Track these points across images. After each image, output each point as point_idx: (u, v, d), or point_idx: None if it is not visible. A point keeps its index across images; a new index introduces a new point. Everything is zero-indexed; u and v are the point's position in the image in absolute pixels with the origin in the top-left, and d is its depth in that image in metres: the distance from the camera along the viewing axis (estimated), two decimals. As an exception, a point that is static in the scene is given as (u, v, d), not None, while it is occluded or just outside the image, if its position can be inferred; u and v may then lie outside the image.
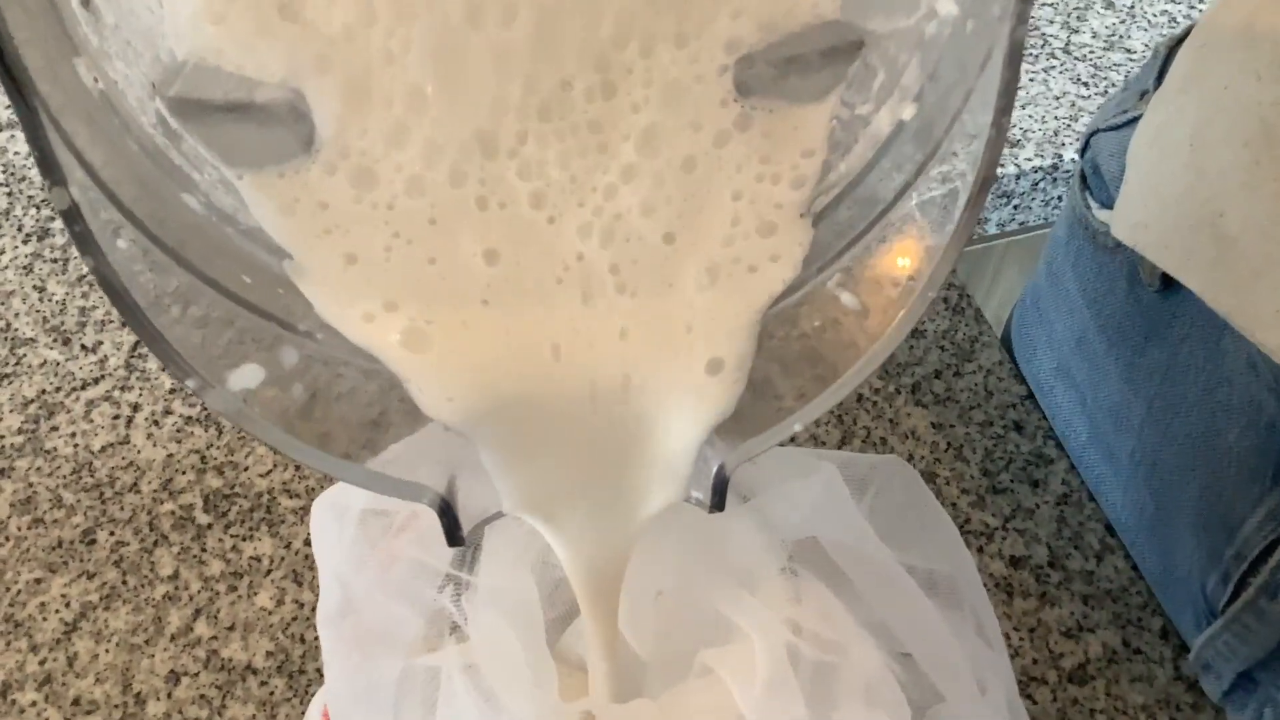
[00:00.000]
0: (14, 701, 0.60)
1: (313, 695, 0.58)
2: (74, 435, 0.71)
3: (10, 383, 0.73)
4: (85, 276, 0.79)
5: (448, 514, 0.32)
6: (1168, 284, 0.60)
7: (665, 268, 0.31)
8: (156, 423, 0.71)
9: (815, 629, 0.38)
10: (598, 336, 0.31)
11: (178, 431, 0.71)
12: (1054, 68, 1.05)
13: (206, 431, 0.71)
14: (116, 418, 0.71)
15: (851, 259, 0.32)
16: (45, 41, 0.25)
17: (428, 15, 0.27)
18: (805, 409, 0.32)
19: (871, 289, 0.32)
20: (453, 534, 0.33)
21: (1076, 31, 1.08)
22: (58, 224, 0.81)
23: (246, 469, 0.69)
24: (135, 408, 0.72)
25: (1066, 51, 1.06)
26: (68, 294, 0.78)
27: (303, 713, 0.60)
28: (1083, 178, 0.68)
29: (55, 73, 0.25)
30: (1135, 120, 0.61)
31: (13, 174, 0.85)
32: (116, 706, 0.60)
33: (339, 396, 0.32)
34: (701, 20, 0.29)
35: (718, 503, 0.33)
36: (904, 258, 0.31)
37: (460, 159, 0.29)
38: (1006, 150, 0.97)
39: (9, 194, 0.84)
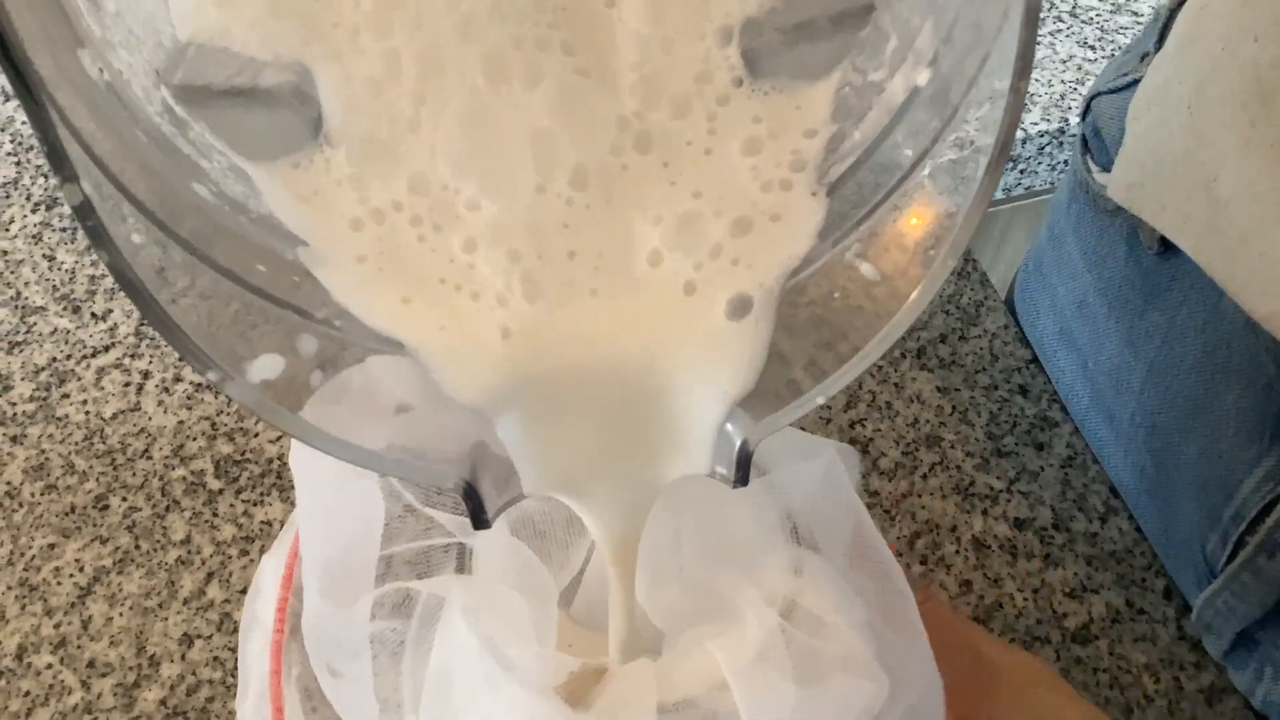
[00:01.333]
0: (30, 664, 0.61)
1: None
2: (85, 402, 0.71)
3: (21, 351, 0.74)
4: (95, 245, 0.79)
5: (472, 497, 0.32)
6: (1167, 246, 0.61)
7: (681, 251, 0.31)
8: (167, 390, 0.72)
9: (811, 604, 0.38)
10: (622, 317, 0.31)
11: (188, 398, 0.71)
12: (1060, 31, 1.04)
13: (217, 398, 0.72)
14: (127, 385, 0.72)
15: (869, 229, 0.32)
16: (49, 35, 0.25)
17: (453, 76, 0.28)
18: (828, 381, 0.32)
19: (890, 259, 0.32)
20: (478, 517, 0.33)
21: (1083, -6, 1.08)
22: (67, 193, 0.81)
23: (257, 435, 0.70)
24: (146, 375, 0.73)
25: (1073, 14, 1.06)
26: (77, 262, 0.78)
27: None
28: (1084, 141, 0.68)
29: (61, 66, 0.25)
30: (1136, 83, 0.61)
31: (20, 144, 0.86)
32: (131, 668, 0.61)
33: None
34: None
35: (742, 477, 0.33)
36: (922, 226, 0.31)
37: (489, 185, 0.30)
38: (1012, 114, 0.97)
39: (17, 163, 0.84)
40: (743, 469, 0.33)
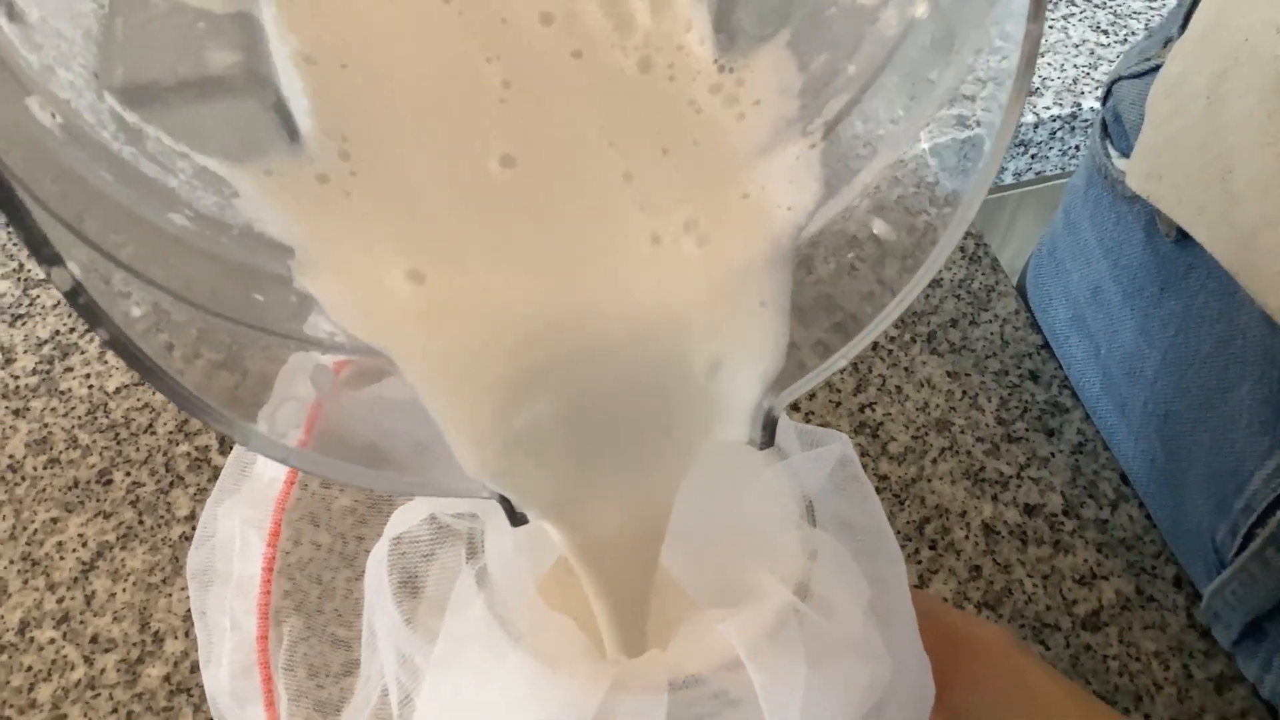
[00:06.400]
0: (32, 639, 0.61)
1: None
2: (88, 376, 0.71)
3: (24, 323, 0.73)
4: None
5: (507, 500, 0.32)
6: (1184, 235, 0.60)
7: (689, 218, 0.31)
8: (172, 364, 0.71)
9: (823, 587, 0.38)
10: (656, 304, 0.31)
11: (193, 373, 0.71)
12: (1074, 15, 1.04)
13: (222, 374, 0.71)
14: (132, 359, 0.72)
15: (875, 186, 0.32)
16: None
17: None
18: (849, 344, 0.32)
19: (900, 220, 0.31)
20: (514, 515, 0.33)
21: (1096, -21, 1.07)
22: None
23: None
24: (150, 349, 0.72)
25: (1086, -1, 1.05)
26: (82, 235, 0.78)
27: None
28: (1103, 126, 0.68)
29: (18, 130, 0.24)
30: (1158, 69, 0.61)
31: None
32: (135, 644, 0.61)
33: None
34: None
35: (768, 439, 0.33)
36: (932, 189, 0.31)
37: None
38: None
39: (22, 135, 0.83)
40: (770, 431, 0.33)
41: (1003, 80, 0.27)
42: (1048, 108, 0.96)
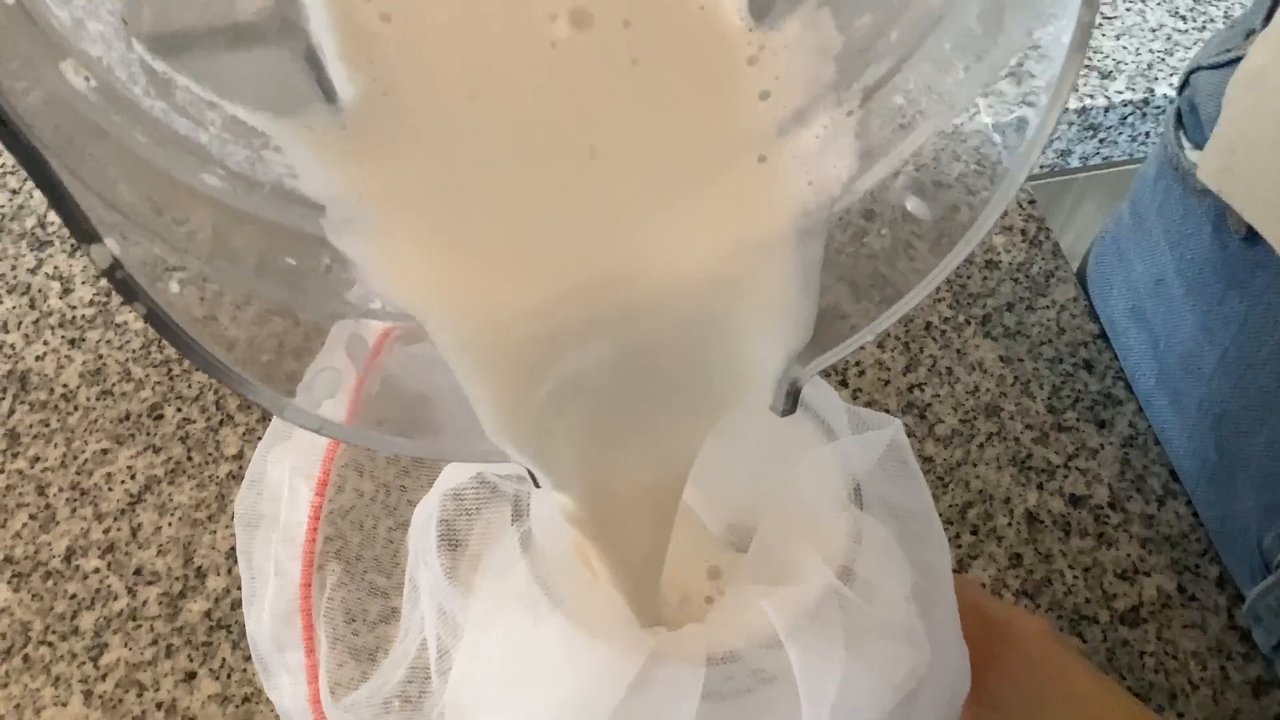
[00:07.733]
0: (78, 567, 0.62)
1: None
2: (145, 311, 0.71)
3: (82, 255, 0.74)
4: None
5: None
6: (1255, 234, 0.59)
7: (730, 191, 0.30)
8: (227, 304, 0.72)
9: (866, 570, 0.38)
10: (680, 271, 0.30)
11: (247, 314, 0.71)
12: (1151, -1, 1.02)
13: (275, 316, 0.71)
14: (188, 296, 0.72)
15: (917, 161, 0.31)
16: (32, 63, 0.23)
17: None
18: (875, 322, 0.31)
19: (939, 198, 0.31)
20: (538, 479, 0.33)
21: (1177, -38, 1.05)
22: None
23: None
24: (206, 287, 0.73)
25: (1165, -17, 1.03)
26: (145, 170, 0.78)
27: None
28: (1178, 116, 0.67)
29: (54, 99, 0.23)
30: (1238, 60, 0.59)
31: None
32: (178, 578, 0.62)
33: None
34: None
35: (790, 407, 0.33)
36: (974, 165, 0.30)
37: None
38: (1096, 82, 0.95)
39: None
40: (792, 399, 0.33)
41: (1052, 60, 0.27)
42: (1120, 92, 0.94)
